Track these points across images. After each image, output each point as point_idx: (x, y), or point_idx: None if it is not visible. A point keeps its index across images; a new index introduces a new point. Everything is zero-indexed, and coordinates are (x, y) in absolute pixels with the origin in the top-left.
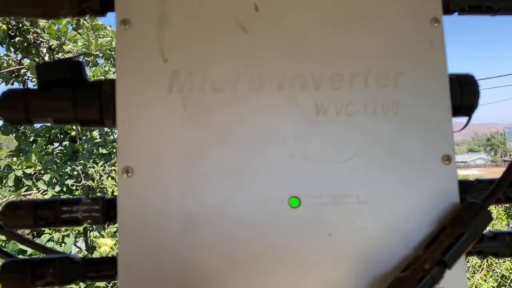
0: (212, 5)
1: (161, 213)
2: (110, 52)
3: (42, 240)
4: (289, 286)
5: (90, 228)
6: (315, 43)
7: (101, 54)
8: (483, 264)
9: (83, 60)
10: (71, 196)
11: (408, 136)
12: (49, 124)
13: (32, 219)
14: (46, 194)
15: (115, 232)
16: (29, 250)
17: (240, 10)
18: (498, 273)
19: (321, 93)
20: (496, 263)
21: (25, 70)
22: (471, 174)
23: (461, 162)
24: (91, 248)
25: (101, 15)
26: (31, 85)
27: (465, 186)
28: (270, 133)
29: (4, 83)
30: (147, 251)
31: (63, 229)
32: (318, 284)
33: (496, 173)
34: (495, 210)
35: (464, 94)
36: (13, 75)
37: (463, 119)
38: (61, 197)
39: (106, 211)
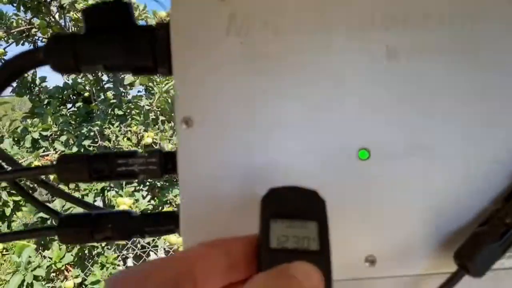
0: None
1: (223, 165)
2: None
3: (61, 200)
4: (359, 242)
5: (108, 188)
6: None
7: None
8: None
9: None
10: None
11: (489, 83)
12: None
13: (87, 173)
14: None
15: (133, 191)
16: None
17: None
18: None
19: (392, 34)
20: None
21: (36, 30)
22: None
23: None
24: (109, 207)
25: None
26: (41, 45)
27: None
28: (337, 80)
29: (14, 43)
30: (210, 203)
31: (82, 188)
32: (390, 240)
33: None
34: None
35: None
36: (24, 35)
37: None
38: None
39: (163, 164)
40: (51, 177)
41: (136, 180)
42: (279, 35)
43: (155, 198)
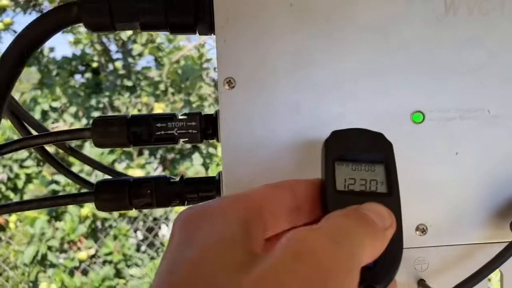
0: None
1: (268, 128)
2: None
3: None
4: (410, 207)
5: (119, 161)
6: None
7: None
8: None
9: None
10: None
11: None
12: (70, 56)
13: (125, 136)
14: (72, 126)
15: (144, 164)
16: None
17: None
18: None
19: None
20: None
21: None
22: None
23: None
24: None
25: None
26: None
27: None
28: (390, 37)
29: (22, 12)
30: (253, 167)
31: None
32: (443, 206)
33: None
34: None
35: None
36: (31, 4)
37: None
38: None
39: (203, 128)
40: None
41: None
42: None
43: (166, 170)
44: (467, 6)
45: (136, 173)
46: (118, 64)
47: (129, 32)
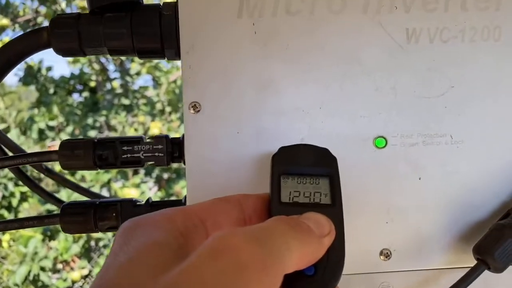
0: None
1: (233, 152)
2: None
3: (68, 190)
4: (374, 232)
5: (115, 180)
6: None
7: None
8: None
9: None
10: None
11: (510, 67)
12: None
13: (91, 159)
14: None
15: (139, 183)
16: None
17: None
18: None
19: (412, 16)
20: None
21: (42, 19)
22: None
23: None
24: None
25: None
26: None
27: None
28: (353, 63)
29: (21, 32)
30: (217, 190)
31: (88, 179)
32: (406, 231)
33: None
34: None
35: None
36: (30, 24)
37: None
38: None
39: (170, 151)
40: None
41: (143, 167)
42: (292, 15)
43: (162, 190)
44: (428, 34)
45: (131, 192)
46: (116, 83)
47: None
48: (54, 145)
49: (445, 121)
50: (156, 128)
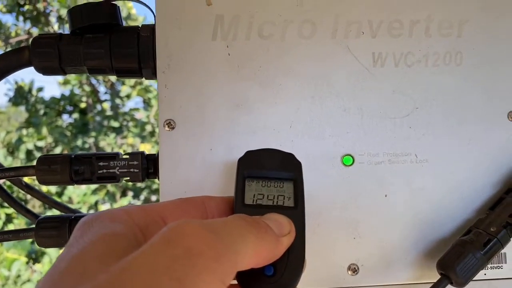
0: None
1: (205, 168)
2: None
3: (54, 211)
4: (342, 247)
5: (102, 201)
6: None
7: None
8: None
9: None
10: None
11: (471, 90)
12: (58, 96)
13: (67, 174)
14: None
15: (127, 204)
16: None
17: None
18: None
19: (378, 41)
20: None
21: None
22: None
23: None
24: None
25: None
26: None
27: None
28: (322, 85)
29: None
30: None
31: (75, 201)
32: (373, 247)
33: None
34: None
35: None
36: (22, 44)
37: None
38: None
39: (145, 167)
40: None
41: (118, 184)
42: (264, 39)
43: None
44: (394, 58)
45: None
46: (106, 105)
47: None
48: None
49: (410, 140)
50: (145, 149)
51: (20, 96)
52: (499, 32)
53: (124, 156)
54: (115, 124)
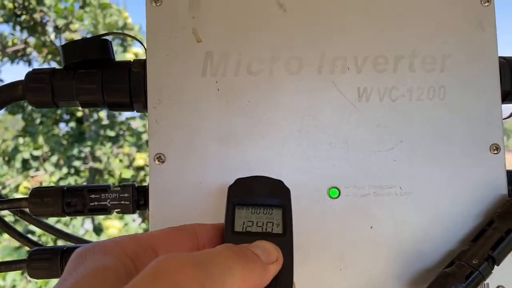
0: None
1: (194, 201)
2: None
3: (49, 221)
4: (328, 279)
5: None
6: (357, 24)
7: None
8: None
9: (111, 40)
10: (99, 184)
11: (454, 124)
12: None
13: (60, 207)
14: (53, 175)
15: (122, 215)
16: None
17: None
18: None
19: (363, 76)
20: None
21: (31, 49)
22: None
23: None
24: (98, 230)
25: None
26: (36, 64)
27: None
28: (309, 120)
29: (9, 62)
30: None
31: None
32: (358, 278)
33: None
34: None
35: None
36: (19, 54)
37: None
38: (89, 183)
39: (136, 199)
40: None
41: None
42: (252, 75)
43: (146, 221)
44: (378, 93)
45: (115, 224)
46: (102, 114)
47: None
48: (38, 176)
49: (395, 173)
50: (141, 159)
51: (17, 105)
52: (481, 66)
53: (115, 188)
54: (111, 133)
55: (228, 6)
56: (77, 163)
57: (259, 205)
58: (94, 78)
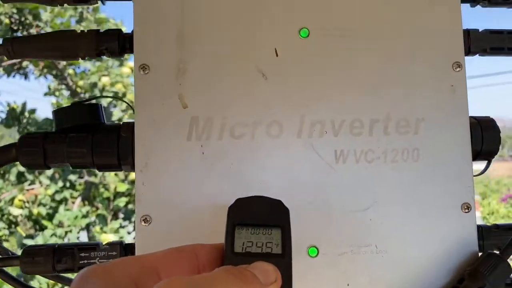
0: (232, 52)
1: None
2: None
3: (45, 235)
4: None
5: (93, 223)
6: (334, 90)
7: None
8: None
9: (101, 104)
10: (88, 241)
11: (428, 184)
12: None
13: (51, 266)
14: (48, 188)
15: (117, 228)
16: None
17: (261, 56)
18: None
19: (340, 140)
20: None
21: (27, 63)
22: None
23: None
24: None
25: (119, 56)
26: (32, 77)
27: (483, 231)
28: (289, 181)
29: (6, 75)
30: None
31: (66, 224)
32: None
33: (504, 168)
34: None
35: (484, 139)
36: (15, 67)
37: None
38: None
39: (124, 256)
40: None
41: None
42: (235, 139)
43: None
44: (355, 155)
45: (110, 238)
46: None
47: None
48: (33, 189)
49: (371, 232)
50: None
51: (12, 117)
52: (453, 129)
53: (104, 246)
54: None
55: (213, 74)
56: (72, 177)
57: (259, 226)
58: (84, 143)
